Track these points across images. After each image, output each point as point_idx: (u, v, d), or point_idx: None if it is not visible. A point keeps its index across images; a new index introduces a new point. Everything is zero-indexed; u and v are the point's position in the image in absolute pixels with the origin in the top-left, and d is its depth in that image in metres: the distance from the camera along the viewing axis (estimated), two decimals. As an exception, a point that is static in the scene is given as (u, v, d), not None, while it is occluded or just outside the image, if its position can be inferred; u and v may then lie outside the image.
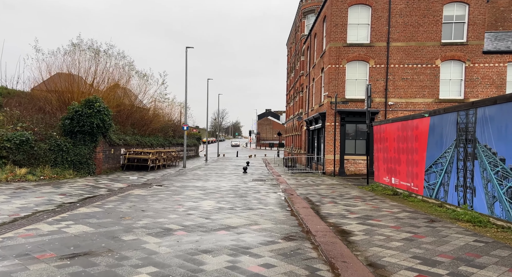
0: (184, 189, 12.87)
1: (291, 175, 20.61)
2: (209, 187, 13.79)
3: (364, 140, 20.96)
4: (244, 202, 10.29)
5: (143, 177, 16.91)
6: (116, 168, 19.73)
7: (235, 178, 18.11)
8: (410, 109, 20.41)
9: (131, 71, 25.11)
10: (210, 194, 11.91)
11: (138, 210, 8.55)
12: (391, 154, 12.92)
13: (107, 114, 17.00)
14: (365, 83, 20.93)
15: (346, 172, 20.78)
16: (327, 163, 21.06)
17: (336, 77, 20.87)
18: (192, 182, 15.46)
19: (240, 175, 20.46)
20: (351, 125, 21.06)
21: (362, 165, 20.77)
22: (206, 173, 20.75)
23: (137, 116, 24.86)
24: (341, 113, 20.58)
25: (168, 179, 16.45)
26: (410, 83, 20.36)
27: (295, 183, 16.19)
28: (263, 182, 16.79)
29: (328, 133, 21.04)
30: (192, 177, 18.24)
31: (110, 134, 18.30)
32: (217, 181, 16.43)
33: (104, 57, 23.25)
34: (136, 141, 22.70)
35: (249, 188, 13.88)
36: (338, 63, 20.82)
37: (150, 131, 27.83)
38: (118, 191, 11.64)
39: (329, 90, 20.97)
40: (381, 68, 20.56)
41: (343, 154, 20.81)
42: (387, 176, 13.41)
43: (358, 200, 11.12)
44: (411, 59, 20.28)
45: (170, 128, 32.01)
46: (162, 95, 29.32)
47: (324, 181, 17.42)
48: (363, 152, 20.97)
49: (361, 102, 20.77)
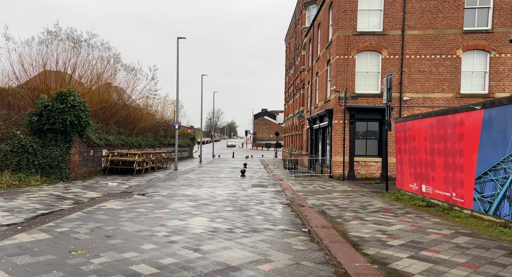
0: (171, 200, 10.56)
1: (295, 179, 18.36)
2: (201, 196, 11.50)
3: (376, 140, 18.79)
4: (246, 219, 8.02)
5: (125, 183, 14.56)
6: (96, 172, 17.35)
7: (232, 183, 15.83)
8: (427, 105, 18.25)
9: (117, 64, 22.72)
10: (202, 206, 9.61)
11: (101, 236, 6.23)
12: (421, 156, 10.72)
13: (84, 110, 14.63)
14: (377, 76, 18.76)
15: (356, 175, 18.58)
16: (334, 165, 18.85)
17: (345, 70, 18.66)
18: (182, 189, 13.16)
19: (237, 179, 18.19)
20: (362, 123, 18.87)
21: (374, 168, 18.58)
22: (200, 177, 18.43)
23: (123, 114, 22.46)
24: (351, 110, 18.38)
25: (154, 186, 14.12)
26: (427, 76, 18.21)
27: (302, 190, 13.95)
28: (264, 188, 14.53)
29: (336, 132, 18.82)
30: (182, 182, 15.92)
31: (88, 133, 15.92)
32: (211, 187, 14.14)
33: (85, 47, 20.88)
34: (121, 141, 20.33)
35: (249, 197, 11.61)
36: (347, 54, 18.62)
37: (139, 130, 25.46)
38: (87, 204, 9.30)
39: (336, 84, 18.76)
40: (395, 59, 18.39)
41: (352, 155, 18.62)
42: (414, 182, 11.20)
43: (388, 214, 8.89)
44: (429, 49, 18.12)
45: (161, 127, 29.62)
46: (152, 91, 26.93)
47: (334, 186, 15.19)
48: (375, 153, 18.80)
49: (372, 98, 18.59)
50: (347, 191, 13.56)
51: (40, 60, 18.75)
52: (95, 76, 20.92)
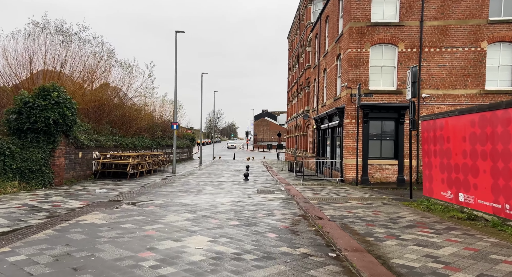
0: (165, 211, 9.01)
1: (303, 184, 16.80)
2: (201, 206, 9.94)
3: (392, 141, 17.24)
4: (256, 239, 6.46)
5: (115, 189, 13.00)
6: (85, 176, 15.79)
7: (235, 189, 14.28)
8: (448, 102, 16.71)
9: (111, 60, 21.19)
10: (202, 219, 8.06)
11: (66, 269, 4.67)
12: (458, 159, 9.16)
13: (70, 107, 13.10)
14: (393, 71, 17.21)
15: (370, 180, 17.02)
16: (346, 168, 17.30)
17: (358, 64, 17.12)
18: (179, 197, 11.60)
19: (240, 183, 16.63)
20: (376, 123, 17.31)
21: (390, 172, 17.02)
22: (199, 182, 16.87)
23: (118, 113, 20.92)
24: (364, 108, 16.83)
25: (148, 192, 12.56)
26: (448, 70, 16.66)
27: (314, 197, 12.40)
28: (271, 194, 12.98)
29: (348, 132, 17.27)
30: (180, 187, 14.36)
31: (75, 134, 14.37)
32: (212, 194, 12.58)
33: (77, 42, 19.36)
34: (114, 143, 18.78)
35: (256, 206, 10.06)
36: (360, 47, 17.08)
37: (135, 131, 23.91)
38: (63, 218, 7.74)
39: (348, 80, 17.21)
40: (412, 52, 16.85)
41: (366, 157, 17.06)
42: (448, 190, 9.64)
43: (427, 230, 7.33)
44: (450, 41, 16.58)
45: (158, 128, 28.07)
46: (149, 89, 25.38)
47: (349, 193, 13.63)
48: (390, 156, 17.23)
49: (388, 95, 17.05)
50: (366, 199, 12.00)
51: (26, 55, 17.24)
52: (88, 72, 19.38)
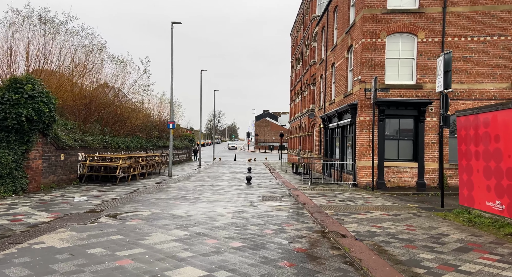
0: (151, 226, 7.30)
1: (312, 189, 15.08)
2: (196, 218, 8.23)
3: (411, 141, 15.52)
4: (268, 271, 4.75)
5: (99, 197, 11.29)
6: (69, 180, 14.08)
7: (236, 195, 12.57)
8: (474, 98, 14.99)
9: (102, 54, 19.50)
10: (196, 239, 6.35)
11: None
12: (511, 163, 7.44)
13: (47, 103, 11.40)
14: (411, 63, 15.51)
15: (387, 184, 15.31)
16: (359, 171, 15.58)
17: (372, 56, 15.42)
18: (172, 206, 9.89)
19: (242, 187, 14.93)
20: (393, 121, 15.60)
21: (409, 175, 15.30)
22: (197, 187, 15.16)
23: (109, 111, 19.23)
24: (380, 104, 15.12)
25: (136, 200, 10.85)
26: (475, 62, 14.95)
27: (328, 205, 10.69)
28: (278, 201, 11.27)
29: (361, 131, 15.56)
30: (175, 194, 12.65)
31: (56, 133, 12.67)
32: (210, 202, 10.87)
33: (63, 33, 17.69)
34: (104, 143, 17.08)
35: (262, 219, 8.35)
36: (375, 37, 15.38)
37: (128, 130, 22.21)
38: (14, 240, 5.99)
39: (362, 74, 15.51)
40: (434, 42, 15.15)
41: (382, 159, 15.34)
42: (498, 200, 7.91)
43: (489, 257, 5.61)
44: (477, 29, 14.87)
45: (154, 127, 26.36)
46: (145, 86, 23.64)
47: (367, 200, 11.91)
48: (409, 157, 15.52)
49: (406, 90, 15.34)
50: (389, 208, 10.27)
51: (6, 47, 15.56)
52: (76, 66, 17.70)
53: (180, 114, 40.25)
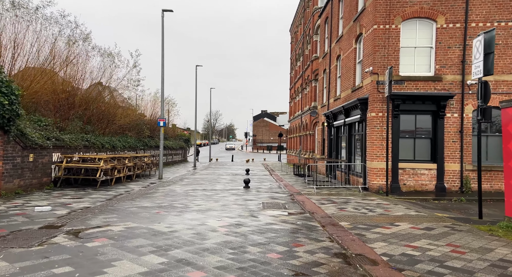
0: (119, 249, 5.55)
1: (318, 193, 13.36)
2: (181, 236, 6.49)
3: (428, 140, 13.87)
4: None
5: (69, 205, 9.53)
6: (40, 184, 12.29)
7: (233, 201, 10.84)
8: (502, 91, 13.34)
9: (86, 44, 17.72)
10: (174, 272, 4.62)
11: None
12: None
13: (8, 94, 9.64)
14: (429, 52, 13.84)
15: (402, 188, 13.63)
16: (371, 173, 13.89)
17: (385, 44, 13.74)
18: (153, 218, 8.15)
19: (240, 192, 13.20)
20: (408, 117, 13.93)
21: (427, 178, 13.63)
22: (188, 191, 13.41)
23: (93, 107, 17.44)
24: (394, 99, 13.44)
25: (111, 209, 9.09)
26: (502, 51, 13.30)
27: (341, 214, 8.99)
28: (281, 210, 9.55)
29: (373, 129, 13.88)
30: (161, 200, 10.90)
31: (21, 129, 10.89)
32: (202, 211, 9.12)
33: (40, 20, 15.91)
34: (85, 142, 15.29)
35: (265, 235, 6.63)
36: (389, 23, 13.71)
37: (117, 129, 20.44)
38: None
39: (374, 64, 13.83)
40: (455, 29, 13.49)
41: (396, 160, 13.66)
42: None
43: None
44: (505, 13, 13.22)
45: (145, 126, 24.57)
46: (134, 81, 21.82)
47: (385, 207, 10.19)
48: (427, 158, 13.86)
49: (423, 82, 13.68)
50: (415, 218, 8.57)
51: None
52: (53, 57, 15.91)
53: (175, 113, 38.66)
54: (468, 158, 13.44)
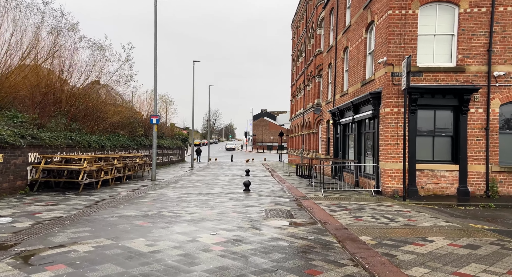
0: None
1: (326, 198, 11.94)
2: (163, 259, 5.08)
3: (449, 138, 12.47)
4: None
5: (38, 214, 8.10)
6: (13, 189, 10.84)
7: (231, 209, 9.42)
8: (532, 83, 11.92)
9: (72, 35, 16.29)
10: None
11: None
12: None
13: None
14: (450, 41, 12.43)
15: (420, 191, 12.21)
16: (385, 175, 12.47)
17: (401, 32, 12.33)
18: (134, 231, 6.73)
19: (239, 196, 11.78)
20: (427, 113, 12.52)
21: (448, 180, 12.22)
22: (181, 196, 11.99)
23: (78, 103, 16.01)
24: (412, 92, 12.02)
25: (85, 220, 7.67)
26: (533, 38, 11.89)
27: (358, 226, 7.58)
28: (287, 218, 8.15)
29: (387, 126, 12.46)
30: (148, 207, 9.47)
31: (-13, 126, 9.47)
32: (194, 222, 7.71)
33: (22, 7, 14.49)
34: (69, 141, 13.86)
35: (270, 257, 5.21)
36: (405, 8, 12.29)
37: (107, 126, 19.02)
38: None
39: (388, 54, 12.42)
40: (480, 13, 12.07)
41: (413, 161, 12.24)
42: None
43: None
44: (536, -4, 11.81)
45: (139, 124, 23.13)
46: (127, 76, 20.33)
47: (406, 215, 8.77)
48: (447, 158, 12.46)
49: (443, 74, 12.26)
50: (449, 231, 7.15)
51: None
52: (33, 47, 14.48)
53: (172, 111, 37.16)
54: (494, 159, 12.02)
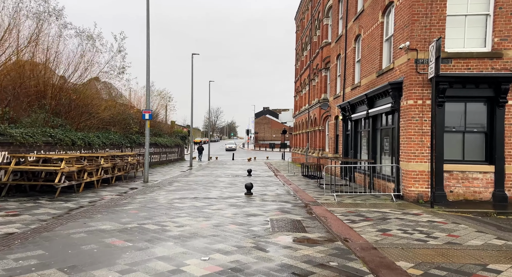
0: None
1: (339, 203, 10.31)
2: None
3: (482, 134, 10.83)
4: None
5: (-11, 228, 6.53)
6: (-25, 194, 9.27)
7: (230, 219, 7.81)
8: None
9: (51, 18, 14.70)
10: None
11: None
12: None
13: None
14: (484, 22, 10.76)
15: (448, 196, 10.57)
16: (407, 178, 10.83)
17: (427, 11, 10.66)
18: (98, 257, 5.15)
19: (240, 201, 10.17)
20: (456, 105, 10.86)
21: (481, 183, 10.57)
22: (173, 201, 10.38)
23: (63, 96, 14.43)
24: (440, 82, 10.35)
25: (44, 238, 6.08)
26: None
27: (389, 244, 5.97)
28: (298, 232, 6.54)
29: (410, 121, 10.81)
30: (131, 217, 7.87)
31: None
32: (182, 240, 6.11)
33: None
34: (48, 138, 12.27)
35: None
36: (432, -16, 10.61)
37: (97, 123, 17.43)
38: None
39: (411, 38, 10.76)
40: (520, -10, 10.37)
41: (441, 161, 10.59)
42: None
43: None
44: None
45: (132, 120, 21.53)
46: (118, 68, 18.70)
47: (443, 229, 7.14)
48: (480, 158, 10.83)
49: (476, 60, 10.59)
50: (504, 249, 5.52)
51: None
52: (11, 32, 12.92)
53: (170, 107, 35.64)
54: (536, 159, 10.36)
